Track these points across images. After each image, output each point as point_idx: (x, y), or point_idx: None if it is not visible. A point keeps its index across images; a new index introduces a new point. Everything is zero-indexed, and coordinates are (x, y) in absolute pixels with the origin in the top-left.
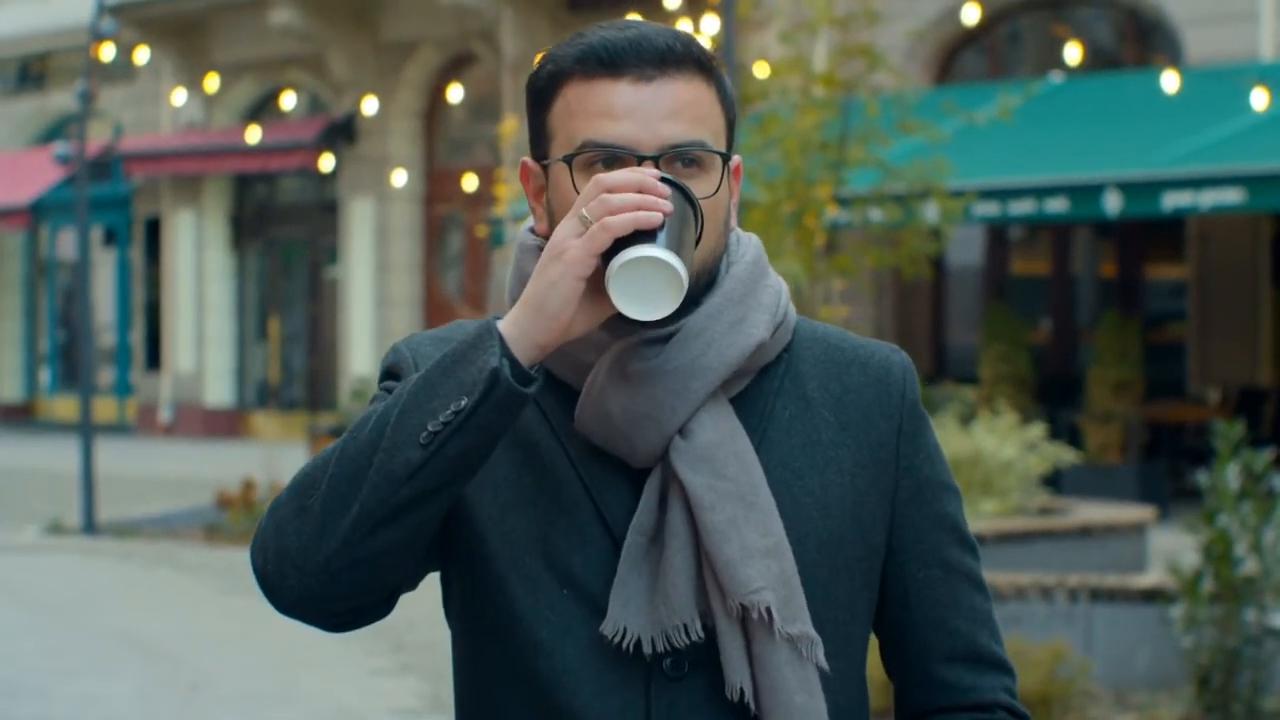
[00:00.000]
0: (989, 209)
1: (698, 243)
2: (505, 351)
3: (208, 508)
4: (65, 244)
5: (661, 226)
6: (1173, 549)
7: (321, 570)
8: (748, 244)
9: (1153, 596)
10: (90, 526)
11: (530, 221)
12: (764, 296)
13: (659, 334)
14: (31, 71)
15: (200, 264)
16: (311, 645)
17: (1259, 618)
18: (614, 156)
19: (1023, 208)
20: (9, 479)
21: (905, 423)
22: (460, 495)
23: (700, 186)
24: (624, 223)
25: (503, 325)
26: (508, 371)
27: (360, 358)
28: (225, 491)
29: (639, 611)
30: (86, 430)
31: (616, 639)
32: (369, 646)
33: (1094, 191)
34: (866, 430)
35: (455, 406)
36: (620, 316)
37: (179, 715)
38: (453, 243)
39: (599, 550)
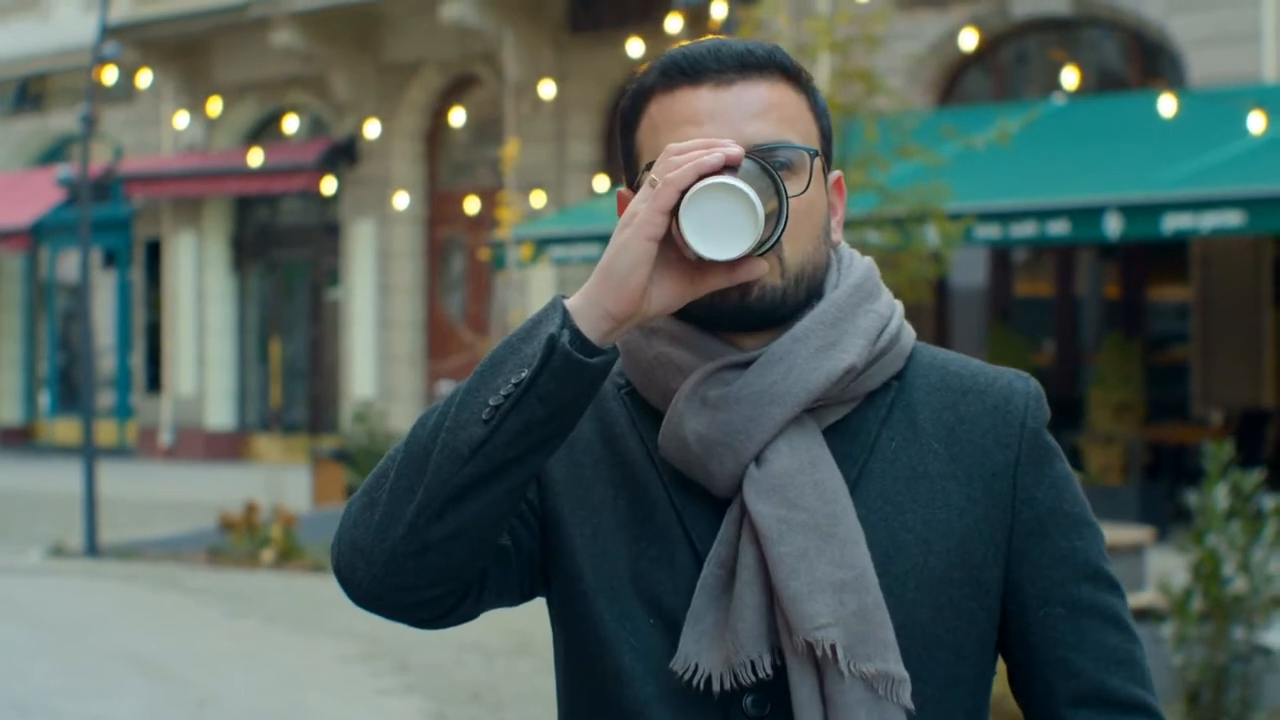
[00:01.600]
0: (990, 231)
1: (782, 227)
2: (566, 321)
3: (210, 530)
4: (65, 266)
5: (733, 171)
6: (1170, 570)
7: (390, 559)
8: (857, 265)
9: (1144, 616)
10: (93, 549)
11: None
12: (864, 321)
13: (741, 359)
14: (31, 92)
15: (201, 286)
16: (317, 666)
17: (1248, 635)
18: None
19: (1024, 230)
20: (10, 502)
21: (1025, 453)
22: (555, 510)
23: (789, 185)
24: (686, 173)
25: (571, 299)
26: (566, 340)
27: (362, 380)
28: (228, 514)
29: (710, 647)
30: (89, 452)
31: (686, 675)
32: (374, 667)
33: (1095, 214)
34: (980, 462)
35: (515, 379)
36: (709, 313)
37: None
38: (455, 265)
39: (687, 579)
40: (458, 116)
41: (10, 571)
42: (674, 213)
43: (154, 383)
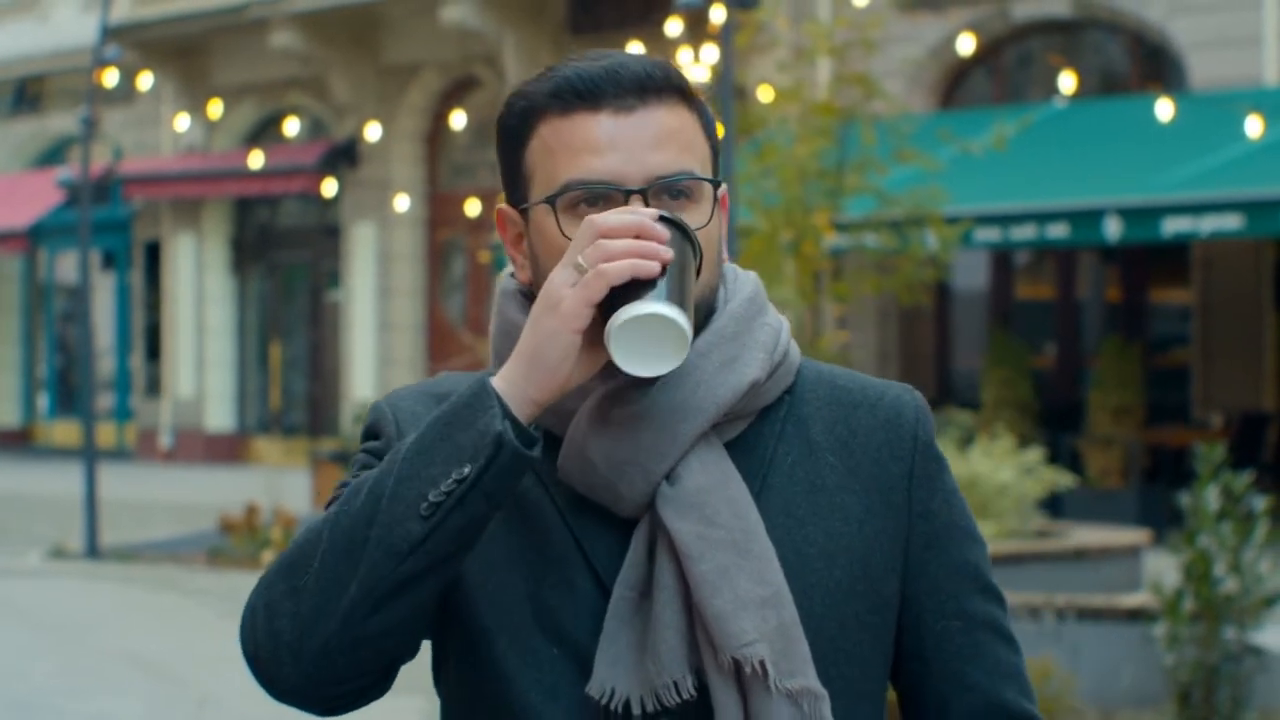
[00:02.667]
0: (990, 234)
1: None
2: (506, 412)
3: (210, 532)
4: (64, 268)
5: (661, 274)
6: (1166, 571)
7: (320, 655)
8: (745, 279)
9: (1137, 616)
10: (93, 551)
11: (511, 268)
12: (760, 334)
13: (642, 376)
14: (29, 93)
15: (200, 288)
16: None
17: (1238, 635)
18: (600, 194)
19: (1024, 233)
20: (9, 504)
21: (918, 466)
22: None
23: (692, 218)
24: (621, 270)
25: (497, 382)
26: (512, 435)
27: (362, 382)
28: (228, 516)
29: (628, 670)
30: (90, 454)
31: (604, 700)
32: None
33: (1095, 217)
34: (876, 475)
35: (457, 475)
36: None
37: None
38: (455, 267)
39: (590, 606)
40: (458, 119)
41: (10, 573)
42: (601, 305)
43: (153, 385)
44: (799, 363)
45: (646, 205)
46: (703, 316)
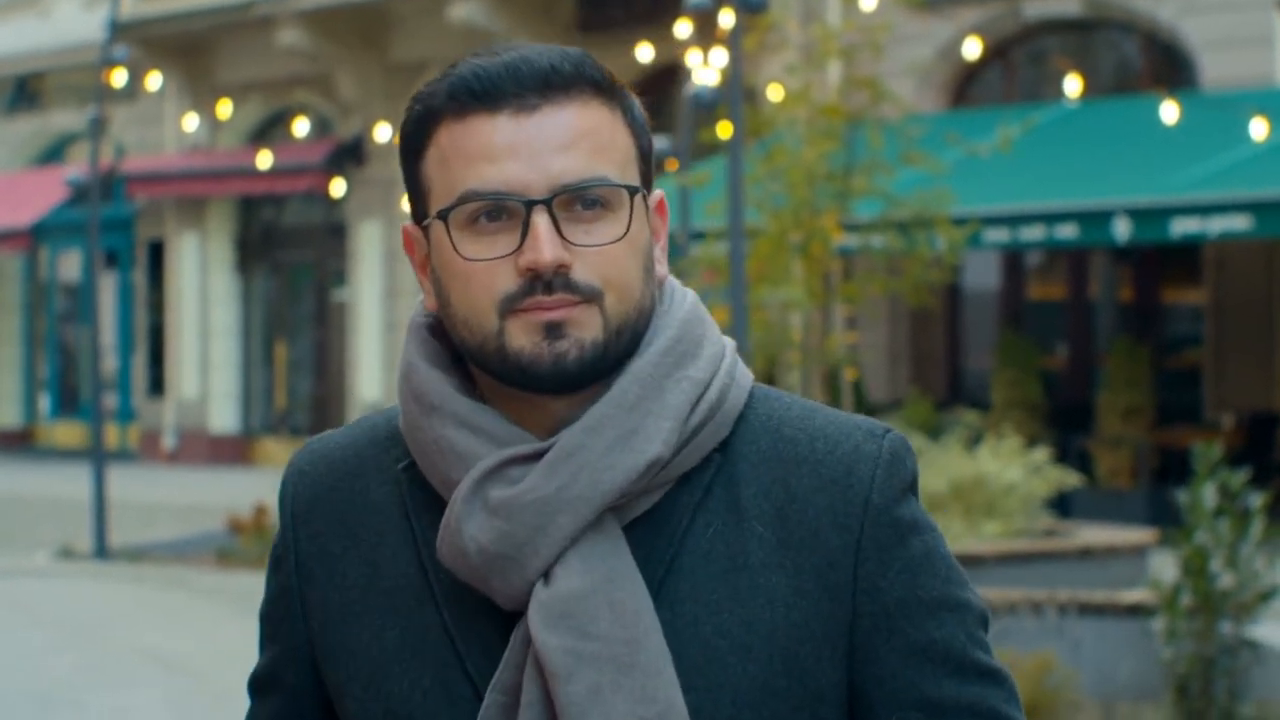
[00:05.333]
0: (999, 235)
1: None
2: None
3: (219, 533)
4: (65, 267)
5: None
6: (1170, 570)
7: None
8: (674, 311)
9: (1136, 611)
10: (102, 551)
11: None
12: (673, 396)
13: (530, 450)
14: (30, 91)
15: (205, 287)
16: None
17: (1235, 629)
18: (499, 206)
19: (1033, 234)
20: (13, 505)
21: (867, 536)
22: (330, 676)
23: (603, 230)
24: None
25: None
26: None
27: (369, 382)
28: (237, 517)
29: None
30: (99, 455)
31: None
32: None
33: (1103, 218)
34: (812, 549)
35: None
36: (519, 375)
37: None
38: None
39: (468, 714)
40: None
41: (20, 573)
42: None
43: (156, 385)
44: (740, 408)
45: (551, 216)
46: (629, 344)
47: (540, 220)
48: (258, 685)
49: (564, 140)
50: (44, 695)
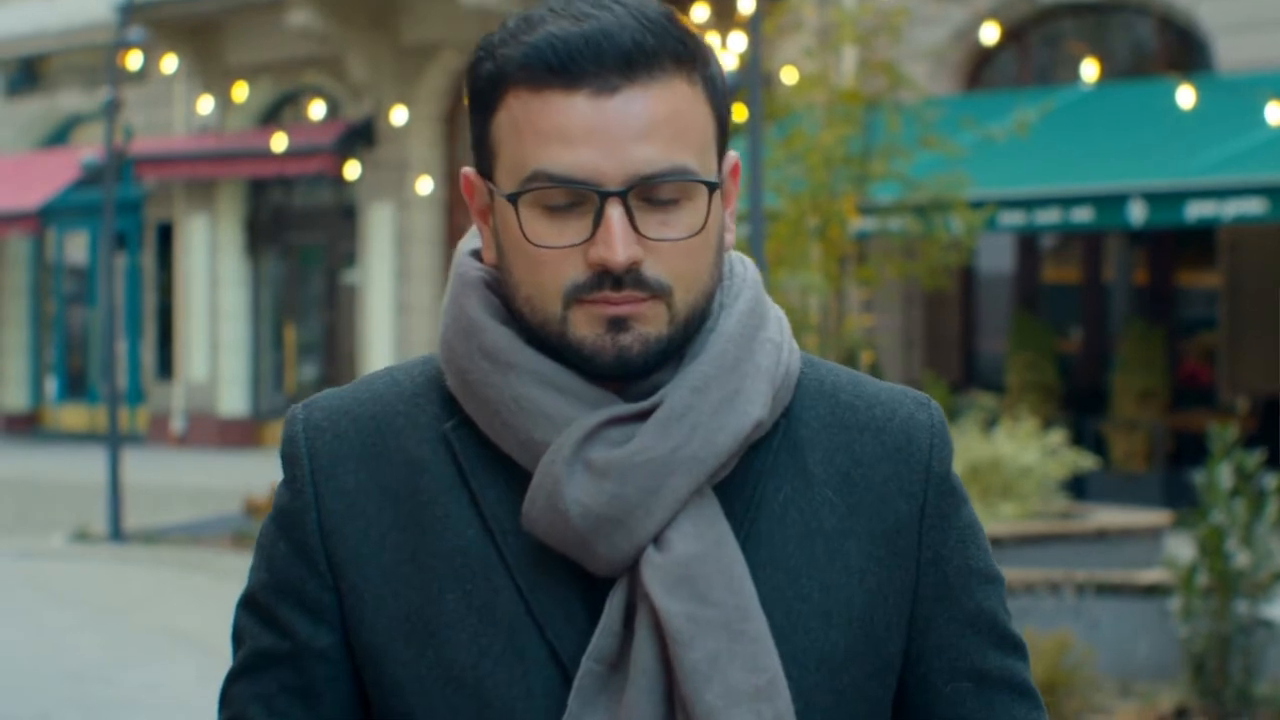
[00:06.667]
0: (1015, 218)
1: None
2: None
3: (234, 516)
4: (72, 249)
5: None
6: (1185, 551)
7: None
8: (742, 279)
9: (1153, 591)
10: (118, 534)
11: (471, 240)
12: (762, 357)
13: (630, 410)
14: (36, 72)
15: (214, 270)
16: None
17: (1250, 608)
18: (571, 193)
19: (1049, 217)
20: (25, 489)
21: (930, 503)
22: (367, 638)
23: (680, 222)
24: None
25: None
26: None
27: (379, 365)
28: (254, 498)
29: None
30: (114, 438)
31: None
32: None
33: (1119, 201)
34: (880, 514)
35: None
36: (578, 360)
37: None
38: None
39: (544, 681)
40: None
41: (38, 556)
42: None
43: (165, 368)
44: (798, 373)
45: (626, 208)
46: (698, 323)
47: (614, 213)
48: (257, 661)
49: (644, 127)
50: (76, 673)
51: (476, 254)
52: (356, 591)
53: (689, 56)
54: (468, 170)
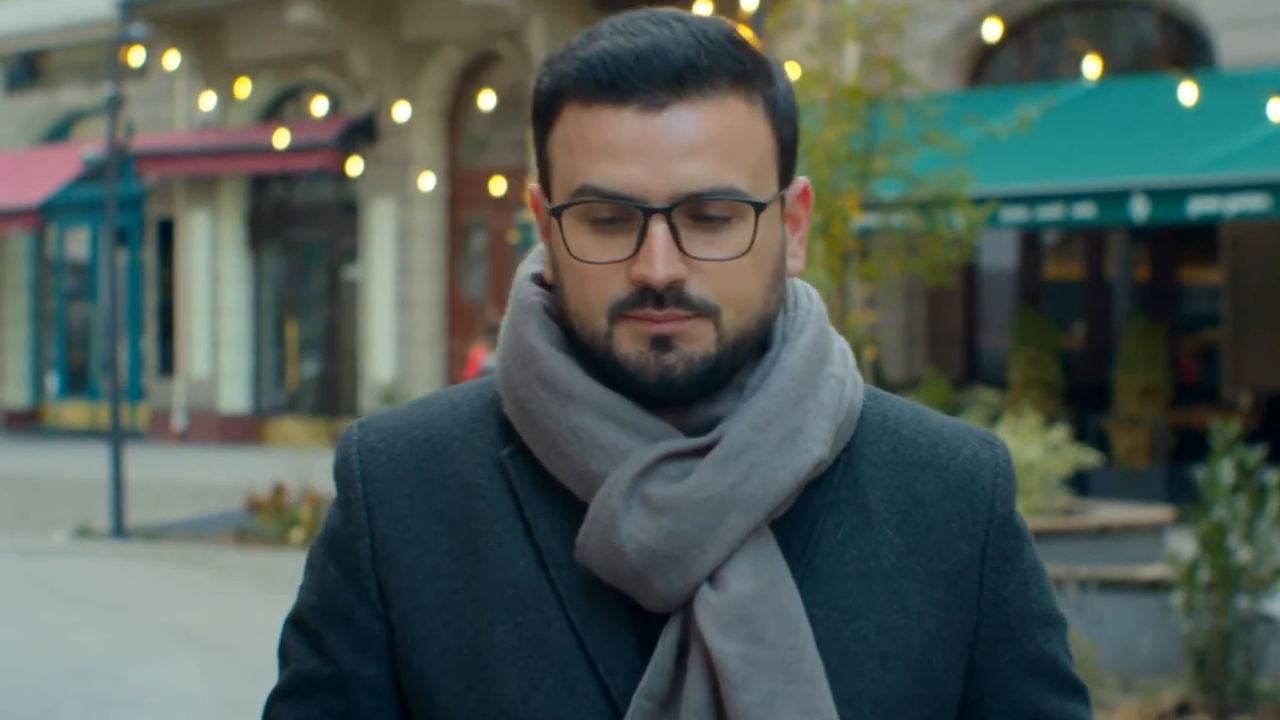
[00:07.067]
0: (1017, 214)
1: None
2: None
3: (236, 512)
4: (73, 245)
5: None
6: (1187, 547)
7: None
8: (808, 311)
9: (1155, 586)
10: (120, 530)
11: (531, 263)
12: (825, 394)
13: (688, 446)
14: (38, 68)
15: (215, 266)
16: None
17: (1251, 604)
18: (617, 208)
19: (1051, 213)
20: (25, 485)
21: (993, 544)
22: (417, 669)
23: (727, 241)
24: None
25: None
26: None
27: (381, 362)
28: (256, 495)
29: None
30: (116, 435)
31: None
32: None
33: (1121, 197)
34: (942, 555)
35: None
36: (622, 380)
37: (248, 693)
38: (476, 245)
39: (595, 717)
40: (487, 99)
41: (40, 553)
42: None
43: (166, 365)
44: (861, 407)
45: (671, 226)
46: (746, 353)
47: (658, 230)
48: (301, 684)
49: (691, 144)
50: (78, 670)
51: (536, 278)
52: (408, 620)
53: (748, 76)
54: (533, 185)
